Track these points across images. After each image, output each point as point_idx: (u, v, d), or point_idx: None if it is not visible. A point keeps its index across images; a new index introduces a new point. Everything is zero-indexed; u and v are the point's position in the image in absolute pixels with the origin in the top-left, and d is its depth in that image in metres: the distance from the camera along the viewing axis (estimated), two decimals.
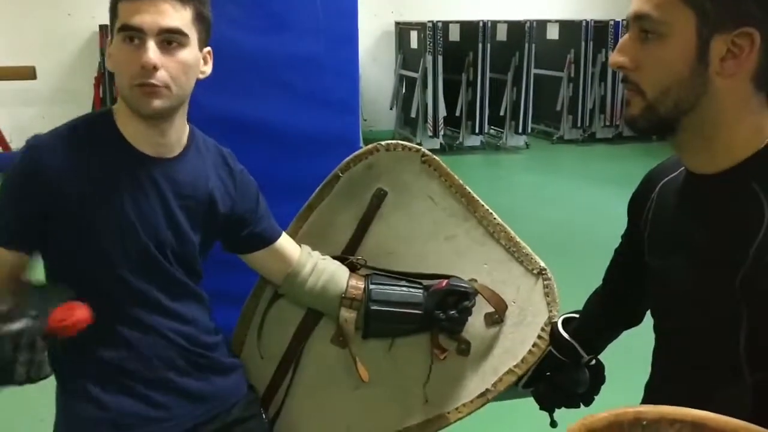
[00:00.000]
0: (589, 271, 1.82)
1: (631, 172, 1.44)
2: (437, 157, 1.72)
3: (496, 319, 1.66)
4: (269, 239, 1.68)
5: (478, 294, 1.64)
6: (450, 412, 1.67)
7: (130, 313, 1.47)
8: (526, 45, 8.74)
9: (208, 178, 1.57)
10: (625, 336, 1.59)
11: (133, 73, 1.35)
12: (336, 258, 1.72)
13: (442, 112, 8.67)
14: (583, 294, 1.66)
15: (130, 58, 1.35)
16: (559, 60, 9.25)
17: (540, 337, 1.62)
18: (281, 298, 1.75)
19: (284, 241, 1.70)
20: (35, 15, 8.34)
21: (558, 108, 9.35)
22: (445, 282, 1.64)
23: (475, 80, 8.72)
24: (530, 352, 1.62)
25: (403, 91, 9.28)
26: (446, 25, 8.77)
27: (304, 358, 1.74)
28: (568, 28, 9.34)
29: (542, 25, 9.48)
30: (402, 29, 9.36)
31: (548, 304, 1.65)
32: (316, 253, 1.71)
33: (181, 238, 1.52)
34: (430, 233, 1.71)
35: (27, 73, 7.80)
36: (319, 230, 1.76)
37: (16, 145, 7.88)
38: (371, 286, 1.65)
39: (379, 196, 1.72)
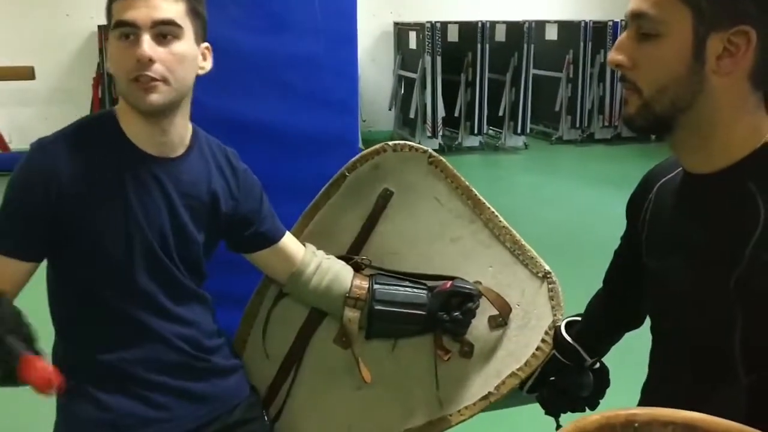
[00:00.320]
0: (588, 271, 1.83)
1: (630, 173, 1.44)
2: (443, 159, 1.71)
3: (500, 322, 1.66)
4: (273, 239, 1.68)
5: (482, 296, 1.64)
6: (452, 415, 1.67)
7: (133, 315, 1.47)
8: (525, 45, 8.74)
9: (212, 177, 1.57)
10: (625, 337, 1.59)
11: (129, 68, 1.36)
12: (341, 258, 1.72)
13: (441, 112, 8.66)
14: (582, 294, 1.66)
15: (125, 54, 1.36)
16: (558, 60, 9.25)
17: (544, 340, 1.62)
18: (285, 298, 1.75)
19: (288, 241, 1.70)
20: (34, 15, 8.34)
21: (557, 108, 9.35)
22: (450, 283, 1.64)
23: (474, 81, 8.72)
24: (534, 355, 1.62)
25: (402, 92, 9.28)
26: (445, 25, 8.77)
27: (306, 358, 1.74)
28: (567, 29, 9.35)
29: (541, 25, 9.48)
30: (401, 30, 9.36)
31: (552, 307, 1.65)
32: (321, 253, 1.71)
33: (186, 238, 1.52)
34: (436, 234, 1.71)
35: (26, 74, 7.79)
36: (325, 229, 1.76)
37: (15, 145, 7.88)
38: (375, 286, 1.65)
39: (385, 197, 1.72)
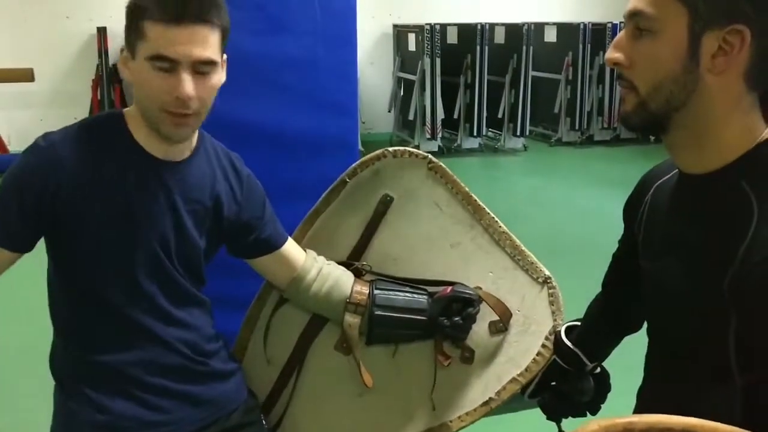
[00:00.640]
0: (587, 274, 1.83)
1: (630, 175, 1.44)
2: (443, 164, 1.71)
3: (500, 328, 1.66)
4: (275, 245, 1.67)
5: (482, 302, 1.64)
6: (453, 421, 1.66)
7: (134, 317, 1.47)
8: (524, 47, 8.75)
9: (216, 181, 1.57)
10: (624, 340, 1.59)
11: (165, 100, 1.36)
12: (341, 263, 1.72)
13: (440, 114, 8.67)
14: (582, 297, 1.66)
15: (161, 84, 1.35)
16: (557, 62, 9.27)
17: (544, 346, 1.62)
18: (286, 303, 1.74)
19: (290, 246, 1.70)
20: (33, 18, 8.34)
21: (556, 110, 9.35)
22: (450, 289, 1.64)
23: (473, 83, 8.73)
24: (534, 361, 1.62)
25: (401, 94, 9.28)
26: (444, 27, 8.78)
27: (307, 364, 1.73)
28: (566, 31, 9.36)
29: (540, 27, 9.49)
30: (400, 32, 9.37)
31: (552, 313, 1.64)
32: (321, 258, 1.71)
33: (187, 242, 1.52)
34: (436, 240, 1.71)
35: (25, 76, 7.80)
36: (325, 235, 1.75)
37: (14, 147, 7.87)
38: (376, 292, 1.65)
39: (386, 203, 1.72)
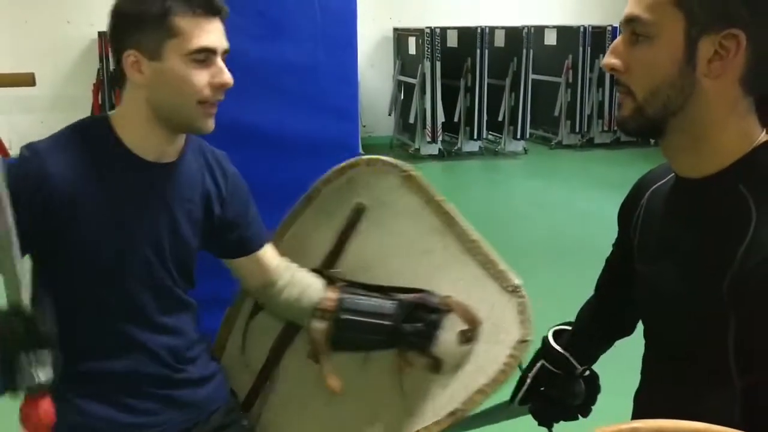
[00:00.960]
0: (587, 276, 1.82)
1: (630, 178, 1.44)
2: (417, 173, 1.70)
3: (469, 337, 1.64)
4: (256, 246, 1.68)
5: (451, 310, 1.63)
6: (419, 431, 1.64)
7: (120, 327, 1.47)
8: (524, 51, 8.75)
9: (204, 180, 1.58)
10: (619, 343, 1.59)
11: (206, 92, 1.40)
12: (314, 271, 1.72)
13: (441, 117, 8.67)
14: (581, 299, 1.66)
15: (203, 77, 1.40)
16: (557, 65, 9.27)
17: (512, 356, 1.59)
18: (263, 309, 1.75)
19: (269, 250, 1.71)
20: (34, 22, 8.35)
21: (556, 113, 9.35)
22: (416, 295, 1.64)
23: (474, 86, 8.73)
24: (502, 371, 1.59)
25: (402, 97, 9.29)
26: (444, 31, 8.79)
27: (281, 371, 1.74)
28: (566, 34, 9.36)
29: (540, 30, 9.49)
30: (400, 35, 9.38)
31: (521, 322, 1.62)
32: (294, 266, 1.71)
33: (182, 244, 1.52)
34: (408, 248, 1.71)
35: (26, 80, 7.79)
36: (299, 243, 1.76)
37: (15, 152, 7.85)
38: (343, 296, 1.66)
39: (359, 211, 1.72)
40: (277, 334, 1.74)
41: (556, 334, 1.59)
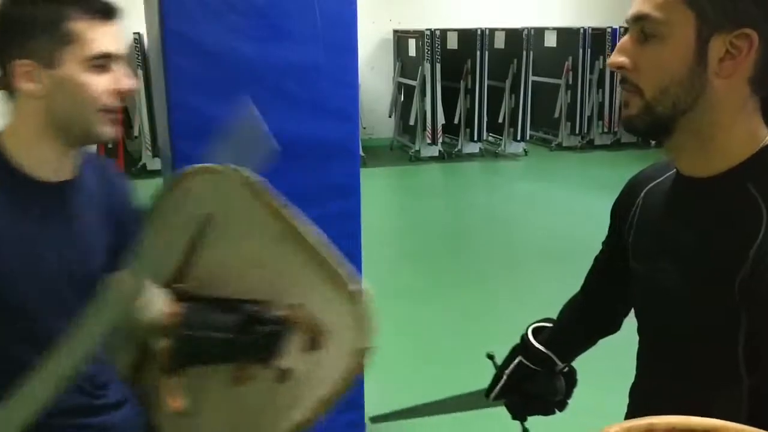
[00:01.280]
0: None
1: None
2: (256, 180, 1.67)
3: (312, 346, 1.61)
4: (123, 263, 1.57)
5: (294, 320, 1.60)
6: None
7: (33, 363, 1.35)
8: (524, 52, 8.77)
9: (102, 189, 1.51)
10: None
11: (106, 99, 1.33)
12: (160, 285, 1.65)
13: (441, 119, 8.69)
14: None
15: (103, 83, 1.33)
16: (557, 67, 9.29)
17: (353, 364, 1.57)
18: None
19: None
20: None
21: (556, 115, 9.37)
22: (256, 307, 1.61)
23: (474, 88, 8.75)
24: (343, 379, 1.57)
25: (402, 99, 9.30)
26: (444, 33, 8.80)
27: (144, 386, 1.70)
28: (566, 36, 9.38)
29: (540, 32, 9.51)
30: (400, 37, 9.39)
31: (360, 329, 1.60)
32: (141, 281, 1.62)
33: (94, 263, 1.45)
34: (254, 258, 1.66)
35: None
36: (150, 256, 1.72)
37: None
38: (185, 311, 1.61)
39: (203, 221, 1.68)
40: (134, 353, 1.69)
41: (535, 331, 1.57)
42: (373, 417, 2.57)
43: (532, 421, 1.64)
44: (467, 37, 8.82)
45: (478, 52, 8.63)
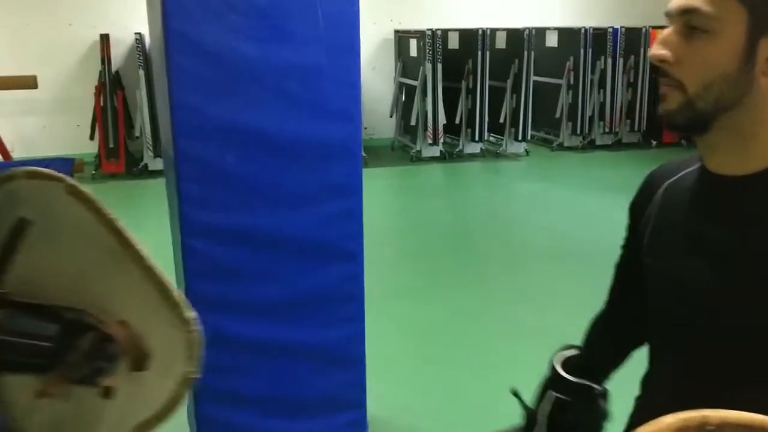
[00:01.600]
0: (589, 278, 1.83)
1: (631, 179, 1.43)
2: (86, 190, 1.63)
3: (138, 367, 1.57)
4: None
5: (121, 337, 1.56)
6: None
7: None
8: (525, 52, 8.77)
9: None
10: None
11: None
12: None
13: (442, 119, 8.69)
14: (581, 299, 1.65)
15: None
16: (559, 67, 9.28)
17: (176, 391, 1.54)
18: None
19: None
20: (36, 25, 8.37)
21: (557, 115, 9.37)
22: (80, 318, 1.57)
23: (475, 88, 8.75)
24: (165, 406, 1.53)
25: (403, 99, 9.30)
26: (445, 33, 8.80)
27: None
28: (567, 36, 9.38)
29: (541, 32, 9.51)
30: (401, 37, 9.39)
31: (189, 357, 1.55)
32: None
33: None
34: (83, 268, 1.61)
35: (29, 83, 7.81)
36: None
37: (18, 154, 7.88)
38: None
39: (22, 226, 1.64)
40: None
41: (564, 362, 1.45)
42: None
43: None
44: (468, 37, 8.82)
45: (480, 52, 8.62)
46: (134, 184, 7.75)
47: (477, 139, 8.95)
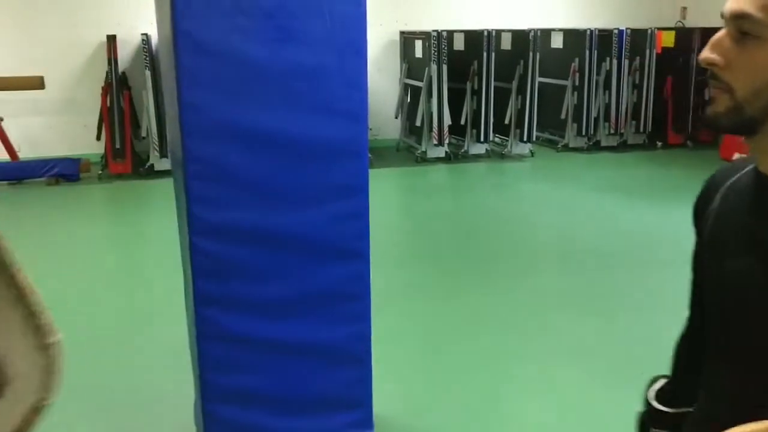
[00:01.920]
0: (594, 278, 1.83)
1: (636, 180, 1.43)
2: None
3: None
4: None
5: None
6: None
7: None
8: (531, 54, 8.77)
9: None
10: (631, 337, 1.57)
11: None
12: None
13: (447, 120, 8.70)
14: (586, 300, 1.66)
15: None
16: (564, 68, 9.29)
17: (27, 417, 1.49)
18: None
19: None
20: (43, 26, 8.41)
21: (563, 116, 9.37)
22: None
23: (480, 89, 8.76)
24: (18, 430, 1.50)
25: (408, 100, 9.32)
26: (451, 34, 8.81)
27: None
28: (573, 37, 9.38)
29: (546, 33, 9.51)
30: (407, 38, 9.41)
31: (43, 384, 1.51)
32: None
33: None
34: None
35: (36, 83, 7.86)
36: None
37: (25, 154, 7.93)
38: None
39: None
40: None
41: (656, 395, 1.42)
42: None
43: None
44: (474, 38, 8.84)
45: (485, 54, 8.64)
46: (140, 184, 7.78)
47: (482, 140, 8.96)
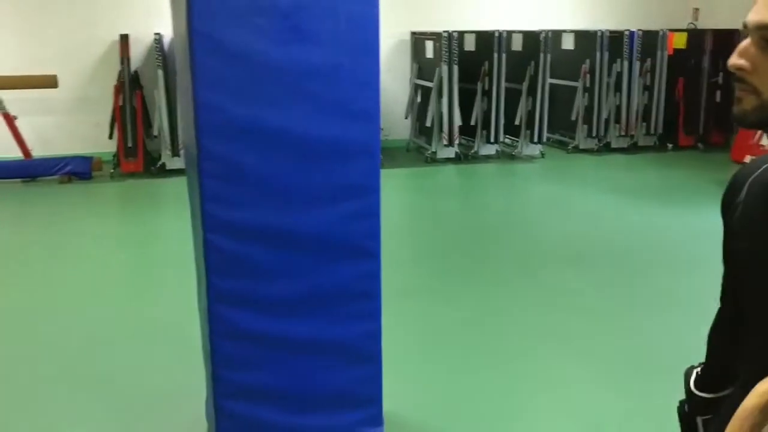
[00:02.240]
0: (604, 280, 1.85)
1: (646, 182, 1.45)
2: None
3: None
4: None
5: None
6: None
7: None
8: (542, 55, 8.78)
9: None
10: (644, 330, 1.58)
11: None
12: None
13: (458, 121, 8.71)
14: (596, 301, 1.68)
15: None
16: (575, 70, 9.28)
17: None
18: None
19: None
20: (57, 25, 8.47)
21: (573, 117, 9.37)
22: None
23: (491, 90, 8.78)
24: None
25: (419, 101, 9.33)
26: (462, 35, 8.83)
27: None
28: (584, 38, 9.38)
29: (557, 35, 9.52)
30: (417, 39, 9.43)
31: None
32: None
33: None
34: None
35: (49, 82, 7.92)
36: None
37: (38, 152, 7.99)
38: None
39: None
40: None
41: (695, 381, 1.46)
42: None
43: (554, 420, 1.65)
44: (485, 39, 8.85)
45: (496, 54, 8.66)
46: (152, 183, 7.83)
47: (492, 140, 8.97)
